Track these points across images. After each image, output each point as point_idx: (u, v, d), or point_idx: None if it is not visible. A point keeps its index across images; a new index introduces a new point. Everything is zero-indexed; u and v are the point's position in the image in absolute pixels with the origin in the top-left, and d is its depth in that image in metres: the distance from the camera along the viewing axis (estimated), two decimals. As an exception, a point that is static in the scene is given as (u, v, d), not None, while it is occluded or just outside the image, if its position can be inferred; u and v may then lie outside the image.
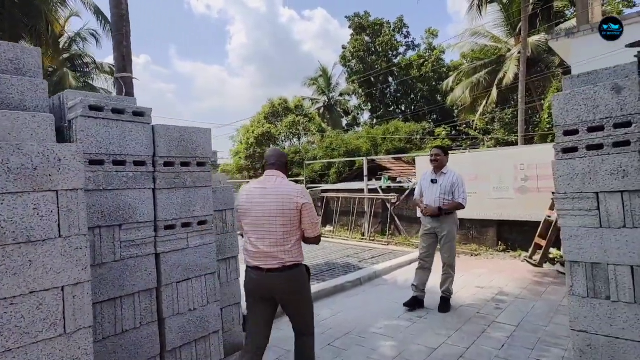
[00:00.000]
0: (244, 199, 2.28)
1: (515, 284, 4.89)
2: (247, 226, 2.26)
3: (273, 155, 2.39)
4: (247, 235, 2.27)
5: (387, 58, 34.51)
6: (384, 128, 22.44)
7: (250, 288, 2.28)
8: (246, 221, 2.27)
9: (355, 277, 5.28)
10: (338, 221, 9.34)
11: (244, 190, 2.34)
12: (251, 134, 25.29)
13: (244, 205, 2.27)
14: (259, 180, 2.37)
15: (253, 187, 2.31)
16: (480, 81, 20.40)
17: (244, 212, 2.27)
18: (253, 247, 2.23)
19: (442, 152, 4.23)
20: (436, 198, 4.13)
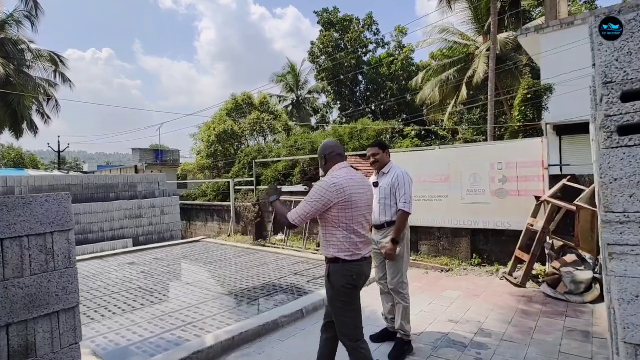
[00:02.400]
0: (347, 191, 2.26)
1: (497, 315, 3.81)
2: (350, 219, 2.28)
3: (340, 146, 2.48)
4: (348, 227, 2.28)
5: (357, 55, 33.77)
6: (351, 126, 21.46)
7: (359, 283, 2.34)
8: (348, 213, 2.27)
9: (294, 307, 4.05)
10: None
11: (338, 183, 2.25)
12: (212, 131, 23.61)
13: (349, 198, 2.26)
14: (345, 170, 2.37)
15: (348, 177, 2.31)
16: (450, 79, 19.88)
17: (348, 205, 2.26)
18: (360, 237, 2.32)
19: (379, 149, 3.33)
20: (377, 204, 3.24)
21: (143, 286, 5.32)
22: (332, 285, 2.30)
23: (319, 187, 2.26)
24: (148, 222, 9.25)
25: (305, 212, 2.26)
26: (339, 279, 2.27)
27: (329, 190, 2.22)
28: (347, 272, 2.27)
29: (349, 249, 2.27)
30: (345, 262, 2.27)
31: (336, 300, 2.32)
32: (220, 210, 10.26)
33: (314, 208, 2.25)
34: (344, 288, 2.27)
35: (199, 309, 4.29)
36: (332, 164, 2.40)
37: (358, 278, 2.30)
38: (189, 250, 7.96)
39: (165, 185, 10.03)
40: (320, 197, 2.22)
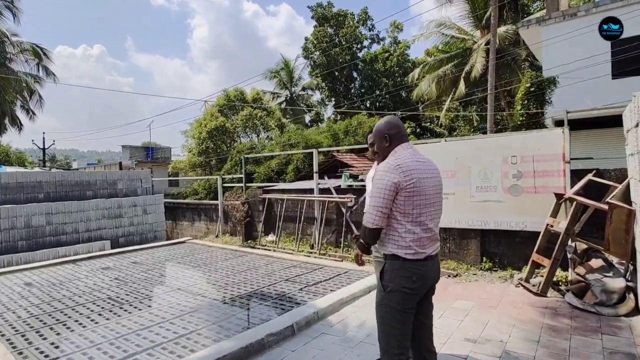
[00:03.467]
0: (415, 174, 1.89)
1: (521, 332, 3.26)
2: (417, 208, 1.90)
3: (402, 125, 2.11)
4: (414, 219, 1.90)
5: (352, 51, 33.25)
6: (346, 123, 20.93)
7: (420, 288, 1.95)
8: (415, 201, 1.89)
9: (284, 323, 3.46)
10: (283, 228, 7.50)
11: (404, 165, 1.90)
12: (204, 127, 22.95)
13: (417, 182, 1.89)
14: (410, 151, 2.01)
15: (414, 159, 1.96)
16: (447, 74, 19.42)
17: (416, 191, 1.89)
18: (427, 232, 1.94)
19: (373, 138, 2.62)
20: None
21: (113, 296, 4.70)
22: (385, 286, 1.94)
23: (382, 172, 1.92)
24: (129, 222, 8.60)
25: (377, 208, 1.89)
26: (395, 279, 1.92)
27: (393, 173, 1.88)
28: (407, 272, 1.91)
29: (411, 245, 1.91)
30: (406, 260, 1.91)
31: (385, 305, 1.95)
32: (207, 209, 9.64)
33: (384, 197, 1.88)
34: (399, 292, 1.91)
35: (173, 324, 3.68)
36: (396, 145, 2.05)
37: (419, 281, 1.93)
38: (172, 253, 7.34)
39: (149, 182, 9.38)
40: (386, 183, 1.87)
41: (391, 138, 2.05)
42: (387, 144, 2.06)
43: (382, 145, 2.09)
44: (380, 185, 1.89)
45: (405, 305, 1.93)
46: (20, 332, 3.62)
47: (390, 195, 1.87)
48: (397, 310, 1.92)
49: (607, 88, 10.97)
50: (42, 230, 7.36)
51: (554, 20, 12.74)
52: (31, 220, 7.25)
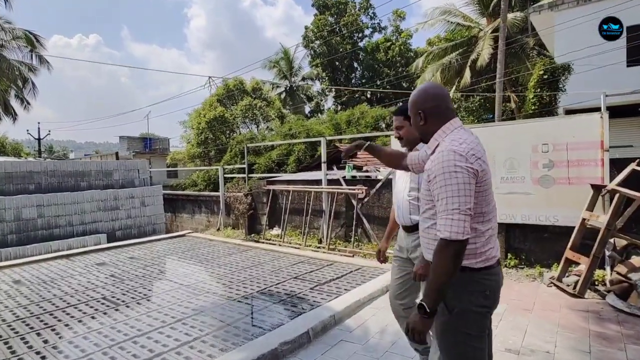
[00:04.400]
0: (483, 163, 1.45)
1: (567, 341, 2.90)
2: (486, 201, 1.48)
3: (446, 95, 1.64)
4: (481, 215, 1.48)
5: (353, 40, 32.65)
6: (348, 113, 20.46)
7: (494, 303, 1.54)
8: (483, 195, 1.47)
9: (298, 329, 3.09)
10: (288, 222, 7.12)
11: (475, 150, 1.45)
12: (202, 118, 22.50)
13: (486, 173, 1.47)
14: (465, 131, 1.55)
15: (477, 142, 1.50)
16: (452, 63, 18.91)
17: (486, 184, 1.48)
18: (493, 230, 1.53)
19: (405, 119, 2.28)
20: (403, 198, 2.35)
21: (109, 295, 4.32)
22: (450, 308, 1.48)
23: (448, 160, 1.41)
24: (126, 214, 8.20)
25: (461, 211, 1.36)
26: (463, 296, 1.47)
27: (468, 162, 1.40)
28: (479, 285, 1.48)
29: (482, 251, 1.47)
30: (475, 271, 1.48)
31: (455, 331, 1.49)
32: (208, 201, 9.24)
33: (467, 194, 1.38)
34: (471, 312, 1.47)
35: (175, 329, 3.31)
36: (441, 122, 1.56)
37: (493, 295, 1.52)
38: (172, 247, 6.96)
39: (147, 173, 8.96)
40: (463, 175, 1.39)
41: (427, 113, 1.56)
42: (422, 121, 1.58)
43: (417, 124, 1.62)
44: (453, 179, 1.38)
45: (481, 329, 1.49)
46: (3, 339, 3.24)
47: (471, 189, 1.39)
48: (472, 337, 1.48)
49: (621, 76, 10.55)
50: (34, 224, 6.96)
51: (567, 6, 12.27)
52: (21, 212, 6.84)
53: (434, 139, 1.57)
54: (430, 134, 1.58)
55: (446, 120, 1.55)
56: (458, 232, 1.34)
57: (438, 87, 1.64)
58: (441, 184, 1.40)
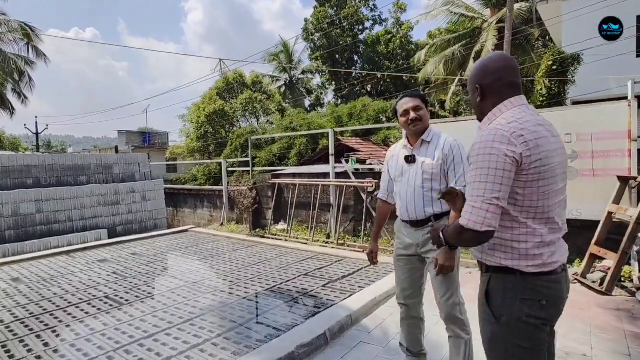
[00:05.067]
0: (541, 146, 1.23)
1: (603, 342, 2.72)
2: (544, 196, 1.26)
3: (514, 67, 1.40)
4: (539, 213, 1.26)
5: (353, 33, 32.27)
6: (350, 106, 20.21)
7: (552, 315, 1.32)
8: (542, 187, 1.25)
9: (315, 330, 2.91)
10: (295, 216, 6.93)
11: (525, 130, 1.24)
12: (202, 112, 22.24)
13: (544, 158, 1.24)
14: (525, 109, 1.33)
15: (534, 121, 1.28)
16: (455, 55, 18.64)
17: (543, 171, 1.24)
18: (557, 231, 1.30)
19: (422, 102, 2.24)
20: (415, 191, 2.19)
21: (111, 294, 4.13)
22: (497, 316, 1.30)
23: (486, 141, 1.25)
24: (127, 209, 7.99)
25: (488, 199, 1.21)
26: (512, 304, 1.28)
27: (509, 143, 1.21)
28: (532, 293, 1.27)
29: (535, 253, 1.27)
30: (527, 275, 1.28)
31: (503, 340, 1.31)
32: (211, 195, 9.04)
33: (499, 182, 1.21)
34: (522, 323, 1.27)
35: (183, 331, 3.12)
36: (499, 100, 1.36)
37: (551, 305, 1.29)
38: (175, 243, 6.76)
39: (147, 166, 8.73)
40: (498, 159, 1.21)
41: (484, 89, 1.38)
42: (479, 98, 1.40)
43: (474, 100, 1.45)
44: (486, 163, 1.22)
45: (536, 343, 1.28)
46: (1, 342, 3.06)
47: (507, 177, 1.21)
48: (524, 350, 1.28)
49: (631, 67, 10.32)
50: (32, 219, 6.76)
51: (576, -6, 12.02)
52: (19, 207, 6.63)
53: (487, 118, 1.39)
54: (486, 112, 1.40)
55: (505, 98, 1.35)
56: (476, 222, 1.21)
57: (501, 60, 1.40)
58: (474, 166, 1.26)
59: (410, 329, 2.36)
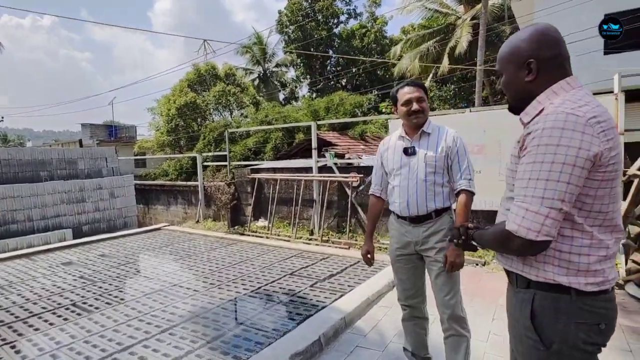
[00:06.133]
0: (616, 139, 1.00)
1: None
2: (613, 200, 1.05)
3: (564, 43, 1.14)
4: (603, 221, 1.05)
5: (328, 26, 32.01)
6: (327, 99, 20.04)
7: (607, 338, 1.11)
8: (613, 189, 1.04)
9: (309, 336, 2.71)
10: (276, 212, 6.68)
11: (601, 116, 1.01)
12: (172, 104, 21.39)
13: (619, 155, 1.02)
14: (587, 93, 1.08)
15: (599, 103, 1.04)
16: (430, 50, 18.87)
17: (616, 171, 1.03)
18: (617, 241, 1.10)
19: (424, 93, 2.13)
20: (418, 184, 2.07)
21: (79, 301, 3.76)
22: (547, 342, 1.09)
23: (553, 130, 1.00)
24: (93, 207, 7.47)
25: (550, 201, 0.99)
26: (566, 328, 1.06)
27: (586, 132, 0.98)
28: (590, 317, 1.06)
29: (597, 268, 1.05)
30: (581, 294, 1.06)
31: None
32: (185, 191, 8.62)
33: (567, 181, 0.99)
34: (577, 351, 1.07)
35: (162, 342, 2.85)
36: (555, 79, 1.11)
37: (610, 328, 1.11)
38: (148, 242, 6.37)
39: (116, 161, 8.21)
40: (569, 152, 0.98)
41: (541, 65, 1.11)
42: (530, 76, 1.13)
43: (518, 79, 1.16)
44: (551, 155, 0.99)
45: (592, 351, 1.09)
46: (-52, 362, 2.68)
47: (578, 175, 0.99)
48: None
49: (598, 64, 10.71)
50: (-14, 219, 6.16)
51: (548, -10, 12.34)
52: (-29, 207, 6.02)
53: (537, 101, 1.12)
54: (534, 95, 1.13)
55: (561, 78, 1.11)
56: (531, 228, 1.00)
57: (557, 32, 1.14)
58: (531, 158, 1.02)
59: (415, 330, 2.24)
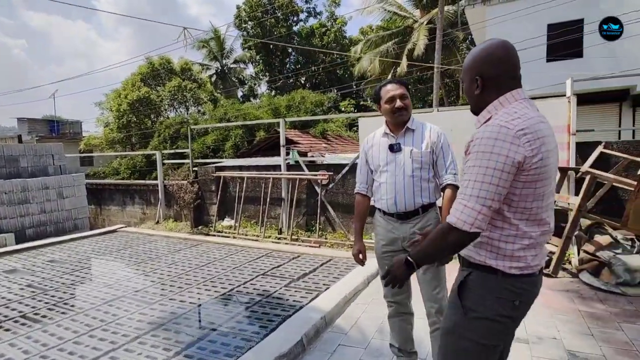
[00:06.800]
0: (544, 146, 1.19)
1: (566, 324, 2.87)
2: (539, 197, 1.23)
3: (515, 57, 1.29)
4: (532, 214, 1.23)
5: (287, 24, 31.81)
6: (288, 97, 19.91)
7: (520, 314, 1.31)
8: (539, 188, 1.22)
9: (291, 337, 2.65)
10: (242, 212, 6.50)
11: (529, 128, 1.18)
12: (123, 99, 20.20)
13: (545, 157, 1.19)
14: (527, 105, 1.25)
15: (537, 119, 1.21)
16: (389, 51, 19.36)
17: (542, 172, 1.20)
18: (545, 234, 1.28)
19: (407, 90, 2.17)
20: (405, 180, 2.09)
21: (29, 312, 3.41)
22: (467, 308, 1.28)
23: (489, 138, 1.17)
24: (39, 208, 6.84)
25: (484, 200, 1.16)
26: (486, 301, 1.26)
27: (514, 142, 1.15)
28: (508, 293, 1.26)
29: (521, 255, 1.24)
30: (508, 276, 1.25)
31: (463, 336, 1.29)
32: (143, 190, 8.14)
33: (497, 184, 1.15)
34: (490, 321, 1.26)
35: (131, 352, 2.65)
36: (498, 92, 1.27)
37: (524, 306, 1.29)
38: (103, 245, 5.94)
39: (64, 158, 7.57)
40: (499, 160, 1.15)
41: (485, 80, 1.28)
42: (479, 90, 1.30)
43: (471, 91, 1.34)
44: (485, 161, 1.16)
45: (495, 341, 1.28)
46: None
47: (506, 179, 1.16)
48: (482, 346, 1.27)
49: (541, 71, 11.55)
50: None
51: (498, 1, 13.09)
52: None
53: (487, 111, 1.29)
54: (484, 105, 1.30)
55: (507, 90, 1.26)
56: (466, 221, 1.16)
57: (505, 49, 1.27)
58: (472, 163, 1.20)
59: (401, 326, 2.25)
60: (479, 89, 1.29)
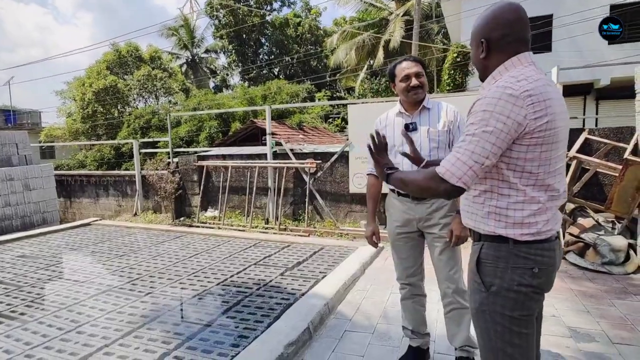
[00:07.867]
0: (550, 108, 1.14)
1: (562, 302, 2.96)
2: (546, 162, 1.18)
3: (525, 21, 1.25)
4: (539, 180, 1.19)
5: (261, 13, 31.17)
6: (264, 87, 19.56)
7: (545, 285, 1.24)
8: (545, 152, 1.17)
9: (298, 325, 2.58)
10: (227, 202, 6.32)
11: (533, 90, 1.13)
12: (88, 87, 19.15)
13: (551, 121, 1.15)
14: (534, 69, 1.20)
15: (544, 82, 1.16)
16: (365, 42, 19.36)
17: (549, 135, 1.16)
18: (554, 199, 1.23)
19: (423, 68, 2.12)
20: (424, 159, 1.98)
21: (4, 310, 3.15)
22: (486, 283, 1.26)
23: (492, 98, 1.14)
24: (3, 201, 6.35)
25: (477, 157, 1.15)
26: (503, 272, 1.23)
27: (516, 104, 1.12)
28: (524, 261, 1.22)
29: (530, 221, 1.20)
30: (520, 244, 1.22)
31: (490, 311, 1.25)
32: (119, 181, 7.73)
33: (494, 142, 1.14)
34: (513, 292, 1.22)
35: (127, 347, 2.49)
36: (506, 56, 1.24)
37: (545, 274, 1.22)
38: (77, 239, 5.60)
39: (29, 148, 7.06)
40: (499, 120, 1.13)
41: (492, 44, 1.25)
42: (484, 53, 1.27)
43: (477, 56, 1.31)
44: (485, 121, 1.14)
45: (525, 311, 1.23)
46: None
47: (504, 140, 1.14)
48: (513, 319, 1.22)
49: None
50: None
51: (473, -6, 13.35)
52: None
53: (492, 76, 1.26)
54: (490, 69, 1.27)
55: (513, 55, 1.23)
56: (454, 174, 1.15)
57: (513, 11, 1.24)
58: (472, 120, 1.18)
59: (415, 308, 2.23)
60: (484, 53, 1.26)
